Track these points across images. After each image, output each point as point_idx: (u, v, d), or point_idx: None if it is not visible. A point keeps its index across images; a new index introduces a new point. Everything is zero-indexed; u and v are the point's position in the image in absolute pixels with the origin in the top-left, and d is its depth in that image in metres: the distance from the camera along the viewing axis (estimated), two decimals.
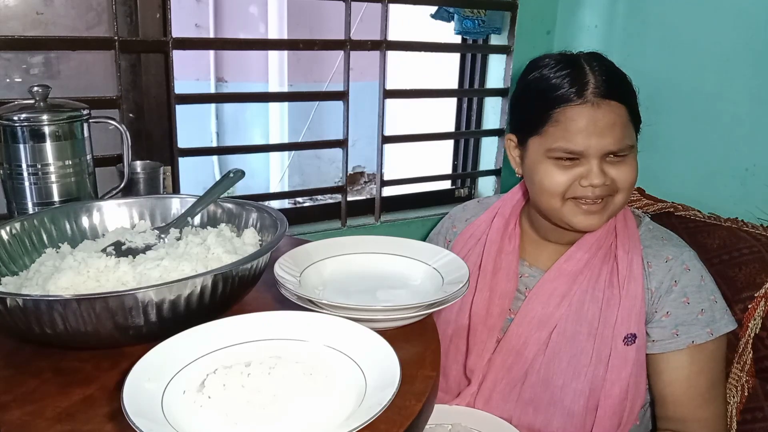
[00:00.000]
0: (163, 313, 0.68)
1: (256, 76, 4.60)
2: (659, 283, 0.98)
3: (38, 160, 1.00)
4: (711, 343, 0.95)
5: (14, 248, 0.87)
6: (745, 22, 1.31)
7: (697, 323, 0.95)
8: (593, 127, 0.92)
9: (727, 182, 1.37)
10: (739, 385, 1.03)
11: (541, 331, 0.99)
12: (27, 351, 0.75)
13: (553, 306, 1.00)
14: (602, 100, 0.92)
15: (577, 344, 0.98)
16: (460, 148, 1.94)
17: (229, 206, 0.98)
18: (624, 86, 0.96)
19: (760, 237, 1.10)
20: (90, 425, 0.62)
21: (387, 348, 0.66)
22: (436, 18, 1.71)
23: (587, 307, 0.98)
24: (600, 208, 0.96)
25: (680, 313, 0.96)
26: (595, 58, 0.98)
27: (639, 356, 0.96)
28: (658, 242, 1.01)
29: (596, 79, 0.93)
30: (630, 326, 0.96)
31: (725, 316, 0.97)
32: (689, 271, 0.98)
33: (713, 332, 0.94)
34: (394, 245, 0.98)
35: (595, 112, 0.92)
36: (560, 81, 0.95)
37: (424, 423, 0.68)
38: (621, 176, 0.94)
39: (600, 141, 0.92)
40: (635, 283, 0.97)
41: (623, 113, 0.93)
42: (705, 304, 0.96)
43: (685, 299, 0.96)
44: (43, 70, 1.31)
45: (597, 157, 0.93)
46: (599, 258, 1.00)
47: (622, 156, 0.94)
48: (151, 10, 1.31)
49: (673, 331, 0.95)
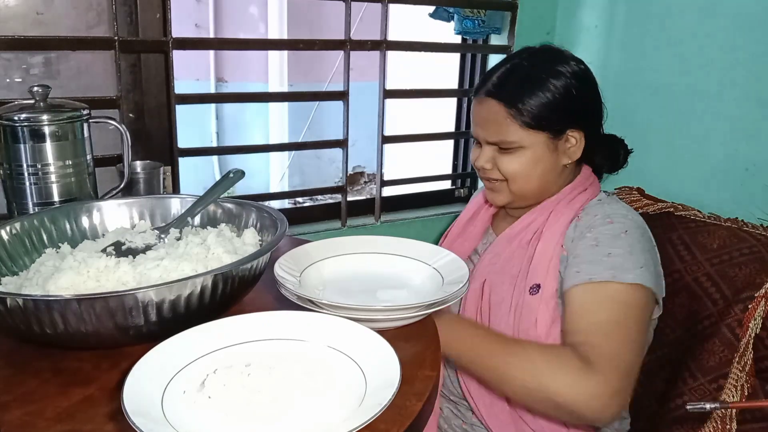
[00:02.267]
0: (163, 313, 0.68)
1: (256, 76, 4.60)
2: (580, 233, 1.02)
3: (38, 160, 1.00)
4: (613, 285, 0.93)
5: (14, 248, 0.87)
6: (745, 22, 1.31)
7: (601, 264, 0.95)
8: (477, 119, 1.07)
9: (727, 182, 1.37)
10: (738, 385, 1.03)
11: (474, 283, 1.09)
12: (27, 351, 0.75)
13: (487, 262, 1.11)
14: (484, 97, 1.05)
15: (500, 294, 1.06)
16: (460, 148, 1.94)
17: (229, 206, 0.98)
18: (514, 87, 1.02)
19: (760, 237, 1.10)
20: (90, 425, 0.62)
21: (387, 348, 0.66)
22: (435, 17, 1.71)
23: (513, 263, 1.07)
24: (496, 187, 1.08)
25: (587, 254, 0.98)
26: (516, 56, 1.07)
27: (546, 308, 1.00)
28: (600, 205, 1.06)
29: (492, 79, 1.05)
30: (536, 277, 1.02)
31: (637, 270, 0.94)
32: (611, 224, 1.00)
33: (616, 276, 0.93)
34: (394, 245, 0.98)
35: (478, 106, 1.06)
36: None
37: (424, 423, 0.68)
38: (503, 166, 1.05)
39: (481, 131, 1.06)
40: (548, 242, 1.04)
41: (500, 110, 1.02)
42: (616, 251, 0.96)
43: (595, 243, 0.99)
44: (43, 70, 1.31)
45: (486, 144, 1.06)
46: (536, 224, 1.08)
47: (508, 149, 1.03)
48: (151, 10, 1.31)
49: (576, 269, 0.97)
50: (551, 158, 1.04)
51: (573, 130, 1.04)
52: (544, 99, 1.01)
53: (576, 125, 1.04)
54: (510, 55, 1.11)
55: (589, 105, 1.06)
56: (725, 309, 1.06)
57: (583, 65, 1.06)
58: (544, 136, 1.02)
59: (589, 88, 1.06)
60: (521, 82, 1.02)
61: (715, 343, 1.05)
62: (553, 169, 1.05)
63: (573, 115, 1.04)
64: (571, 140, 1.04)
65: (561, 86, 1.01)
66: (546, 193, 1.08)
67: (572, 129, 1.04)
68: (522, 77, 1.03)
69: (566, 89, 1.02)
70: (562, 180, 1.08)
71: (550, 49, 1.07)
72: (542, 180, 1.05)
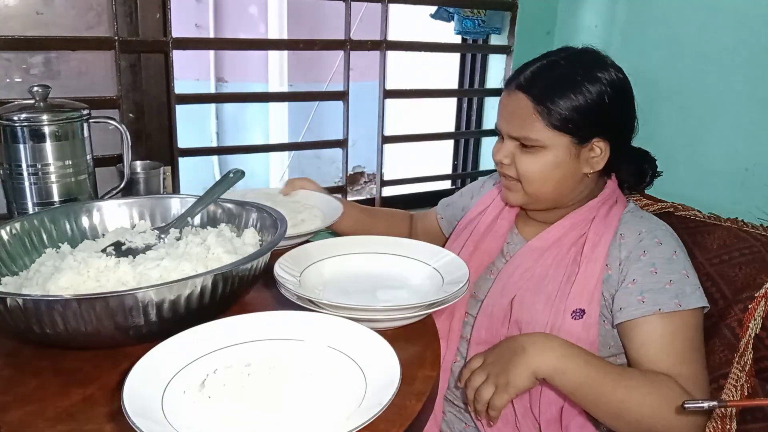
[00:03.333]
0: (163, 313, 0.68)
1: (256, 76, 4.60)
2: (629, 252, 0.99)
3: (38, 160, 1.00)
4: (681, 314, 0.94)
5: (14, 248, 0.87)
6: (745, 22, 1.31)
7: (665, 292, 0.94)
8: (503, 111, 1.03)
9: (727, 182, 1.37)
10: (738, 385, 1.03)
11: (504, 299, 1.04)
12: (27, 351, 0.75)
13: (517, 276, 1.05)
14: (514, 89, 1.00)
15: (533, 314, 1.01)
16: (460, 148, 1.94)
17: (229, 206, 0.98)
18: (547, 84, 0.97)
19: (760, 237, 1.10)
20: (90, 425, 0.62)
21: (387, 348, 0.66)
22: (435, 18, 1.71)
23: (548, 281, 1.02)
24: (512, 186, 1.04)
25: (647, 281, 0.96)
26: (555, 54, 1.02)
27: (587, 334, 0.97)
28: (636, 219, 1.04)
29: (525, 72, 1.00)
30: (581, 302, 0.99)
31: (696, 292, 0.96)
32: (661, 244, 0.99)
33: (682, 304, 0.93)
34: (394, 245, 0.98)
35: (507, 98, 1.02)
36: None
37: (425, 423, 0.68)
38: (522, 165, 1.01)
39: (505, 124, 1.02)
40: (595, 263, 1.00)
41: (527, 106, 0.98)
42: (674, 276, 0.96)
43: (653, 269, 0.97)
44: (43, 70, 1.31)
45: (508, 138, 1.02)
46: (570, 239, 1.04)
47: (530, 148, 0.99)
48: (151, 10, 1.31)
49: (639, 297, 0.95)
50: (572, 165, 1.00)
51: (599, 140, 0.99)
52: (575, 102, 0.96)
53: (603, 135, 0.99)
54: (549, 52, 1.05)
55: (620, 116, 1.02)
56: (725, 309, 1.06)
57: (622, 74, 1.01)
58: (568, 140, 0.98)
59: (623, 99, 1.01)
60: (555, 81, 0.98)
61: (715, 343, 1.05)
62: (572, 176, 1.01)
63: (602, 123, 0.99)
64: (596, 150, 1.00)
65: (595, 92, 0.97)
66: (563, 200, 1.04)
67: (599, 138, 0.99)
68: (556, 76, 0.98)
69: (600, 96, 0.97)
70: (581, 189, 1.04)
71: (591, 52, 1.02)
72: (559, 185, 1.01)
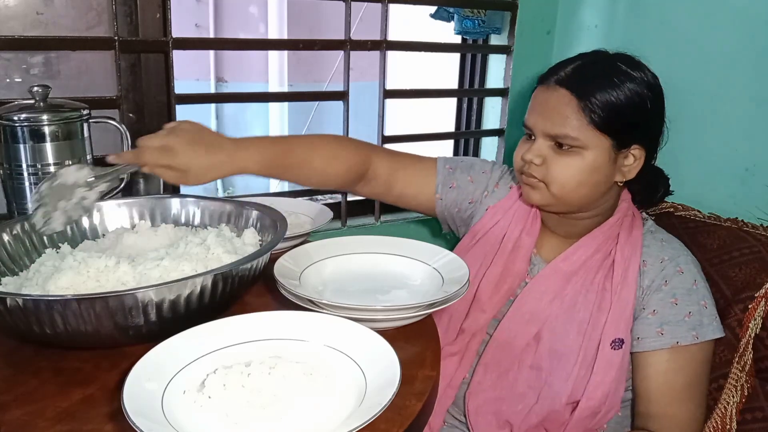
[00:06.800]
0: (163, 313, 0.69)
1: (256, 76, 4.60)
2: (651, 281, 0.98)
3: (38, 160, 1.00)
4: (695, 347, 0.95)
5: (14, 248, 0.87)
6: (746, 22, 1.31)
7: (684, 325, 0.95)
8: (539, 108, 0.97)
9: (727, 182, 1.37)
10: (738, 385, 1.03)
11: (531, 326, 1.00)
12: (27, 351, 0.75)
13: (546, 302, 1.00)
14: (553, 85, 0.95)
15: (566, 343, 0.99)
16: (460, 148, 1.94)
17: (229, 206, 0.98)
18: (590, 80, 0.94)
19: (760, 237, 1.10)
20: (90, 425, 0.62)
21: (387, 348, 0.66)
22: (435, 18, 1.71)
23: (579, 308, 0.99)
24: (536, 183, 0.97)
25: (667, 313, 0.96)
26: (590, 54, 0.99)
27: (623, 362, 0.97)
28: (658, 243, 1.02)
29: (566, 69, 0.96)
30: (619, 331, 0.97)
31: (714, 323, 0.96)
32: (682, 273, 0.98)
33: (699, 336, 0.94)
34: (394, 245, 0.98)
35: (544, 94, 0.96)
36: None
37: (424, 423, 0.68)
38: (555, 168, 0.95)
39: (541, 121, 0.95)
40: (628, 290, 0.98)
41: (570, 101, 0.93)
42: (694, 308, 0.96)
43: (674, 300, 0.96)
44: (43, 70, 1.31)
45: (542, 136, 0.96)
46: (596, 261, 1.01)
47: (567, 149, 0.94)
48: (151, 10, 1.31)
49: (658, 329, 0.95)
50: (608, 170, 0.96)
51: (637, 147, 0.96)
52: (617, 101, 0.93)
53: (641, 142, 0.97)
54: (582, 53, 1.01)
55: (657, 122, 0.99)
56: (725, 309, 1.06)
57: (657, 80, 0.99)
58: (609, 142, 0.94)
59: (660, 104, 0.99)
60: (598, 78, 0.94)
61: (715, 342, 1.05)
62: (605, 182, 0.97)
63: (642, 128, 0.96)
64: (631, 157, 0.97)
65: (636, 93, 0.94)
66: (588, 206, 1.00)
67: (636, 145, 0.96)
68: (598, 73, 0.95)
69: (641, 97, 0.94)
70: (607, 198, 1.01)
71: (626, 55, 1.00)
72: (592, 191, 0.96)
